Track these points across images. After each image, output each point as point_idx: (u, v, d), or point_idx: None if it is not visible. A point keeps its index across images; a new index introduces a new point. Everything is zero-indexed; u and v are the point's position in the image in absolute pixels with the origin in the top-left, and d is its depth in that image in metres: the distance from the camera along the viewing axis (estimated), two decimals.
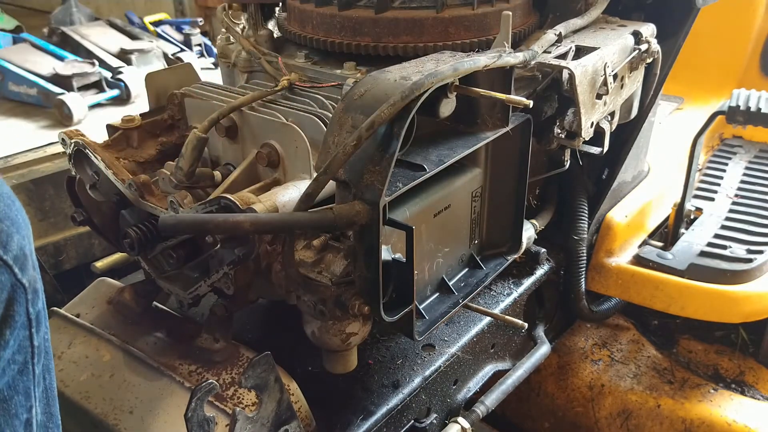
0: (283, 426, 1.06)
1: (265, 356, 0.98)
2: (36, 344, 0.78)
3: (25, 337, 0.76)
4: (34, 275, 0.77)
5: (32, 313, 0.77)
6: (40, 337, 0.79)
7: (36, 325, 0.78)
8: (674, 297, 1.76)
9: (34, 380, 0.79)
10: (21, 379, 0.77)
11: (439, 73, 1.00)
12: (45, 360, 0.82)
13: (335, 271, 1.04)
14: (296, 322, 1.20)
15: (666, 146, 2.20)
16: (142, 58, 3.30)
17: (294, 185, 1.17)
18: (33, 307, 0.77)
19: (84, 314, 1.35)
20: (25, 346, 0.77)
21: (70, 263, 2.23)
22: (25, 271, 0.74)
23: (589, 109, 1.40)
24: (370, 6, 1.35)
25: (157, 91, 1.45)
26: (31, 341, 0.77)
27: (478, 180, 1.31)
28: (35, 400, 0.80)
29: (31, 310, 0.77)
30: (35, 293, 0.77)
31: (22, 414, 0.78)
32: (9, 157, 2.31)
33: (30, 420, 0.79)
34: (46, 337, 0.81)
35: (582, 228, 1.73)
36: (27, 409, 0.78)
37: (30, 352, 0.78)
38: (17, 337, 0.75)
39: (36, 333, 0.78)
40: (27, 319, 0.76)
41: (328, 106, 1.27)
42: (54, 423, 0.86)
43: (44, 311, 0.80)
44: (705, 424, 1.80)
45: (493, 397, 1.52)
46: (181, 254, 1.17)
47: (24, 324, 0.76)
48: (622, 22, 1.58)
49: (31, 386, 0.78)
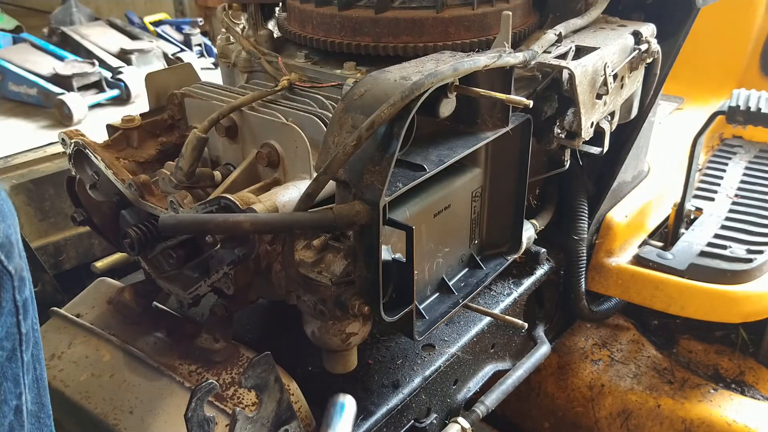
0: (283, 426, 1.06)
1: (265, 356, 0.98)
2: (24, 331, 0.79)
3: (13, 324, 0.77)
4: (20, 263, 0.78)
5: (19, 300, 0.78)
6: (28, 325, 0.80)
7: (23, 313, 0.79)
8: (674, 297, 1.76)
9: (23, 367, 0.80)
10: (9, 366, 0.78)
11: (439, 73, 1.00)
12: (35, 350, 0.82)
13: (335, 271, 1.04)
14: (296, 322, 1.20)
15: (666, 146, 2.20)
16: (142, 58, 3.29)
17: (294, 185, 1.17)
18: (20, 294, 0.78)
19: (84, 314, 1.36)
20: (13, 333, 0.78)
21: (70, 263, 2.23)
22: (11, 258, 0.75)
23: (589, 109, 1.40)
24: (370, 6, 1.35)
25: (157, 91, 1.45)
26: (19, 328, 0.78)
27: (478, 180, 1.31)
28: (25, 387, 0.81)
29: (18, 297, 0.78)
30: (22, 281, 0.78)
31: (12, 400, 0.79)
32: (9, 157, 2.31)
33: (20, 407, 0.80)
34: (34, 327, 0.82)
35: (582, 228, 1.73)
36: (16, 396, 0.79)
37: (18, 339, 0.79)
38: (5, 324, 0.76)
39: (23, 320, 0.79)
40: (14, 306, 0.77)
41: (328, 106, 1.27)
42: (45, 413, 0.87)
43: (32, 300, 0.81)
44: (705, 424, 1.80)
45: (493, 397, 1.52)
46: (181, 254, 1.17)
47: (11, 311, 0.77)
48: (622, 22, 1.58)
49: (20, 373, 0.79)
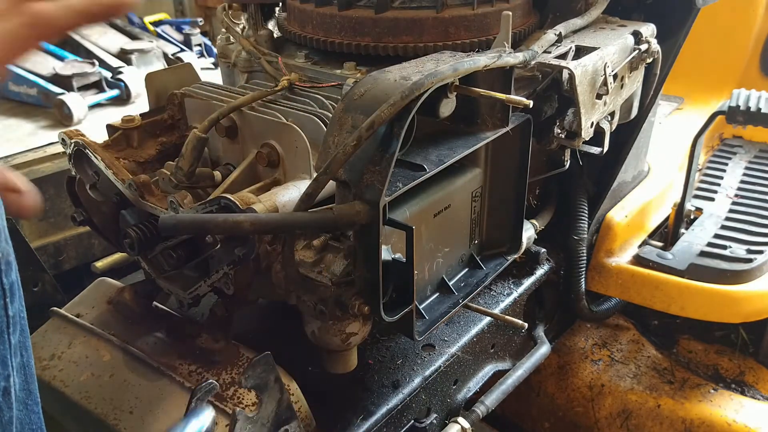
0: (283, 426, 1.06)
1: (265, 356, 0.98)
2: (11, 314, 0.80)
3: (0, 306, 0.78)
4: (6, 248, 0.79)
5: (6, 284, 0.79)
6: (15, 308, 0.81)
7: (10, 296, 0.80)
8: (674, 297, 1.76)
9: (10, 350, 0.80)
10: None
11: (439, 73, 1.00)
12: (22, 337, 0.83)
13: (335, 271, 1.03)
14: (296, 322, 1.20)
15: (666, 146, 2.20)
16: (142, 58, 3.30)
17: (294, 185, 1.17)
18: (6, 278, 0.79)
19: (84, 314, 1.35)
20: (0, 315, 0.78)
21: (70, 263, 2.23)
22: None
23: (589, 109, 1.40)
24: (370, 6, 1.35)
25: (157, 91, 1.45)
26: (6, 311, 0.79)
27: (478, 180, 1.31)
28: (12, 369, 0.81)
29: (5, 281, 0.79)
30: (8, 265, 0.79)
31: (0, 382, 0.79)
32: (9, 157, 2.30)
33: (8, 389, 0.80)
34: (21, 313, 0.83)
35: (582, 228, 1.73)
36: (4, 378, 0.80)
37: (5, 322, 0.79)
38: None
39: (11, 303, 0.80)
40: (1, 289, 0.78)
41: (328, 106, 1.27)
42: (33, 400, 0.87)
43: (18, 285, 0.82)
44: (705, 424, 1.80)
45: (493, 397, 1.52)
46: (181, 254, 1.17)
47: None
48: (622, 22, 1.57)
49: (7, 355, 0.80)
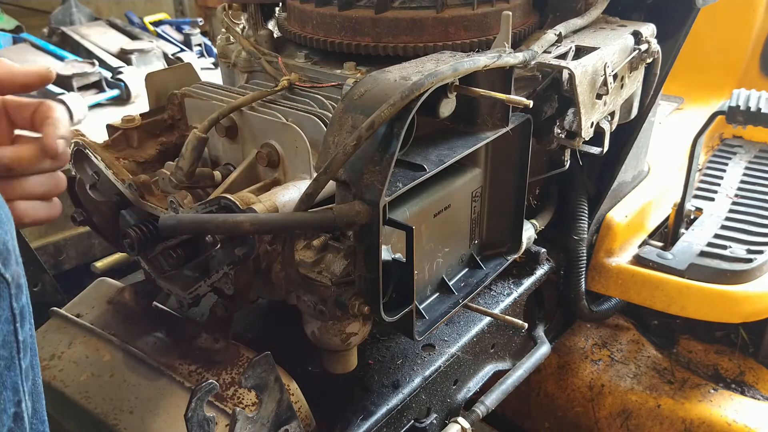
0: (283, 426, 1.06)
1: (265, 356, 0.98)
2: (21, 339, 0.78)
3: (10, 332, 0.76)
4: (17, 270, 0.76)
5: (16, 308, 0.76)
6: (25, 333, 0.79)
7: (20, 320, 0.77)
8: (674, 297, 1.76)
9: (21, 375, 0.79)
10: (9, 375, 0.77)
11: (439, 73, 0.99)
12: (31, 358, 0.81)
13: (335, 271, 1.03)
14: (296, 322, 1.20)
15: (666, 146, 2.20)
16: (142, 58, 3.29)
17: (294, 185, 1.17)
18: (17, 302, 0.76)
19: (84, 314, 1.35)
20: (10, 341, 0.76)
21: (70, 263, 2.23)
22: (7, 265, 0.74)
23: (589, 109, 1.40)
24: (370, 6, 1.35)
25: (157, 91, 1.45)
26: (16, 336, 0.77)
27: (478, 180, 1.30)
28: (24, 395, 0.80)
29: (15, 305, 0.76)
30: (19, 288, 0.77)
31: (10, 408, 0.78)
32: None
33: (19, 414, 0.79)
34: (31, 334, 0.81)
35: (582, 228, 1.73)
36: (15, 404, 0.78)
37: (15, 347, 0.77)
38: (1, 332, 0.75)
39: (21, 328, 0.77)
40: (11, 314, 0.76)
41: (328, 106, 1.27)
42: (38, 419, 0.86)
43: (28, 308, 0.80)
44: (705, 424, 1.80)
45: (493, 397, 1.52)
46: (181, 254, 1.17)
47: (8, 319, 0.76)
48: (622, 22, 1.57)
49: (18, 381, 0.78)
